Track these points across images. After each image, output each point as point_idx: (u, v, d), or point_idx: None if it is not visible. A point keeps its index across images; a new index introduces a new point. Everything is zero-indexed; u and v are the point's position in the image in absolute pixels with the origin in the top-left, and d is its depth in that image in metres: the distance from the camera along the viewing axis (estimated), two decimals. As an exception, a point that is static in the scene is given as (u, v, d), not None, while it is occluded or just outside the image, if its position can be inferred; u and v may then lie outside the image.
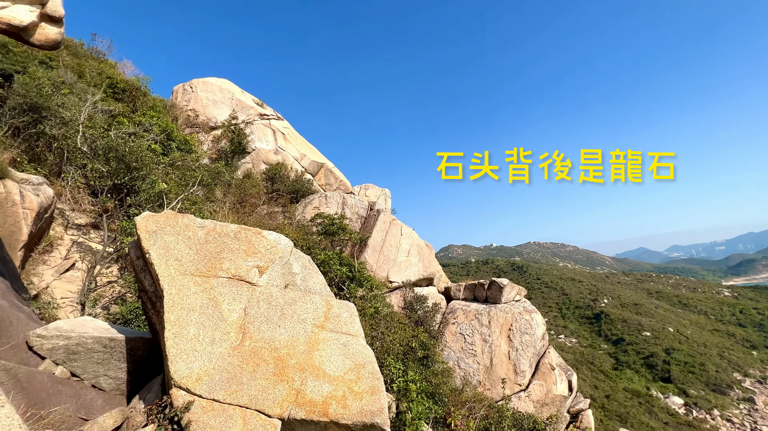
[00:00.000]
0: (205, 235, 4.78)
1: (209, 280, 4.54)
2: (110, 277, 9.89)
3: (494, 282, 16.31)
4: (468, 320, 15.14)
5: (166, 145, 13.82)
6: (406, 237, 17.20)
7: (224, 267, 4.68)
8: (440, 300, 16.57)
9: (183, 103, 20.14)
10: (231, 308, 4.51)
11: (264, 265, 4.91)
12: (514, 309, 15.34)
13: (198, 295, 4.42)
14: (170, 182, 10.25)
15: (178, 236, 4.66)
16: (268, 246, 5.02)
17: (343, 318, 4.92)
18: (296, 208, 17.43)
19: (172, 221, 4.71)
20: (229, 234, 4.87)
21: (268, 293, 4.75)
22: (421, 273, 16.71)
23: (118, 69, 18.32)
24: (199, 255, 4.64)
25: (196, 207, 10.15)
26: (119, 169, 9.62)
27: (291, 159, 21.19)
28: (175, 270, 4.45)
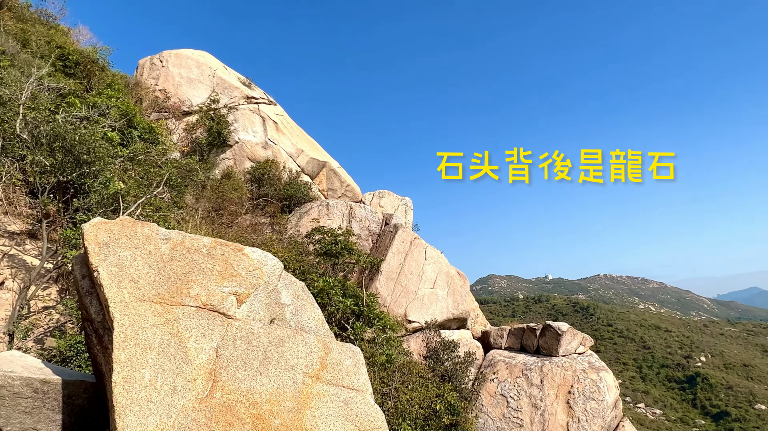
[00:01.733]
0: (171, 251, 4.86)
1: (173, 309, 4.59)
2: (47, 301, 10.12)
3: (549, 327, 16.03)
4: (512, 377, 14.87)
5: (126, 134, 14.25)
6: (432, 263, 17.15)
7: (193, 293, 4.73)
8: (475, 349, 16.34)
9: (150, 81, 20.81)
10: (199, 347, 4.54)
11: (244, 292, 4.94)
12: (576, 364, 15.01)
13: (158, 328, 4.47)
14: (129, 181, 10.54)
15: (136, 250, 4.75)
16: (250, 268, 5.06)
17: (345, 366, 4.89)
18: (289, 219, 17.63)
19: (130, 231, 4.82)
20: (200, 250, 4.95)
21: (247, 329, 4.77)
22: (451, 312, 16.57)
23: (71, 37, 19.13)
24: (161, 277, 4.71)
25: (160, 214, 10.37)
26: (66, 162, 9.95)
27: (284, 155, 21.54)
28: (130, 294, 4.52)
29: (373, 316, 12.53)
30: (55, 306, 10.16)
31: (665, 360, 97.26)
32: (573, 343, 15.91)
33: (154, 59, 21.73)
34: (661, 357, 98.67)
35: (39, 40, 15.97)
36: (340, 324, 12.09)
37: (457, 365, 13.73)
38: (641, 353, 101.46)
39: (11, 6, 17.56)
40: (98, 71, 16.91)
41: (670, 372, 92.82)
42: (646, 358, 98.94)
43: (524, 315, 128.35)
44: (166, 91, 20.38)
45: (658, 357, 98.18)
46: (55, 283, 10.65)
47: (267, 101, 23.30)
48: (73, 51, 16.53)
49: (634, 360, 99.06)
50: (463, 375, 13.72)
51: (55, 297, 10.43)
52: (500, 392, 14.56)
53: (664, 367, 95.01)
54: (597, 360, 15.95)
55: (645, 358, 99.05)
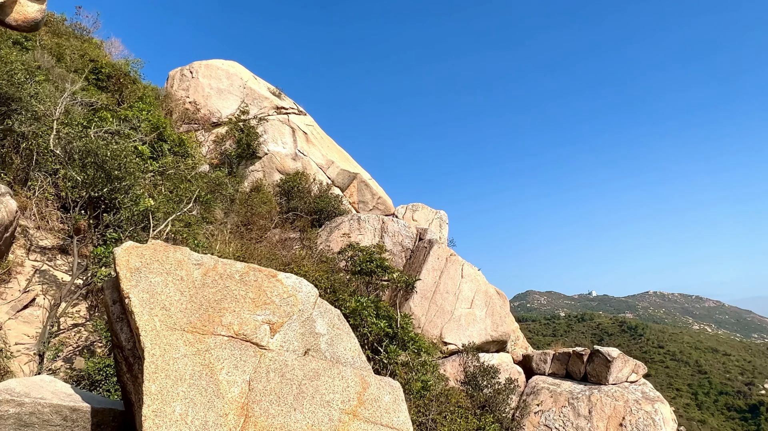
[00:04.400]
0: (203, 276, 4.87)
1: (204, 339, 4.58)
2: (77, 318, 10.40)
3: (598, 352, 15.47)
4: (558, 406, 14.37)
5: (157, 147, 14.64)
6: (469, 281, 16.86)
7: (225, 322, 4.71)
8: (517, 375, 15.91)
9: (180, 93, 21.43)
10: (231, 380, 4.50)
11: (277, 321, 4.90)
12: (629, 394, 14.40)
13: (189, 359, 4.46)
14: (159, 197, 10.77)
15: (168, 276, 4.77)
16: (284, 295, 5.02)
17: (384, 403, 4.76)
18: (319, 234, 17.70)
19: (161, 256, 4.85)
20: (233, 276, 4.94)
21: (281, 361, 4.71)
22: (489, 334, 16.21)
23: (103, 50, 19.93)
24: (193, 304, 4.72)
25: (189, 230, 10.54)
26: (97, 177, 10.26)
27: (314, 167, 21.73)
28: (162, 323, 4.54)
29: (408, 339, 12.35)
30: (84, 323, 10.42)
31: (724, 386, 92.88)
32: (624, 371, 15.28)
33: (184, 70, 22.39)
34: (719, 383, 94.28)
35: (73, 54, 16.70)
36: (372, 347, 11.96)
37: (497, 392, 13.38)
38: (696, 378, 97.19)
39: (48, 21, 18.45)
40: (130, 84, 17.52)
41: (729, 400, 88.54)
42: (702, 384, 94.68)
43: (566, 335, 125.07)
44: (196, 102, 20.93)
45: (716, 383, 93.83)
46: (84, 300, 10.95)
47: (297, 111, 23.62)
48: (105, 64, 17.20)
49: (688, 386, 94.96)
50: (504, 404, 13.34)
51: (85, 314, 10.70)
52: (544, 423, 14.08)
53: (722, 394, 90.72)
54: (651, 389, 15.26)
55: (701, 384, 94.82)
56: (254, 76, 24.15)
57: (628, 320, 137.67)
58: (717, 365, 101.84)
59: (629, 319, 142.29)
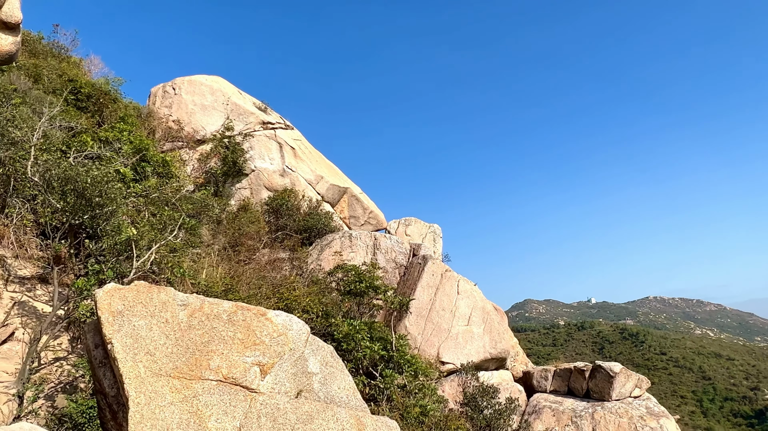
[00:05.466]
0: (189, 318, 4.80)
1: (192, 385, 4.51)
2: (58, 352, 10.21)
3: (600, 367, 15.46)
4: (560, 425, 14.33)
5: (140, 169, 14.54)
6: (466, 297, 16.84)
7: (213, 366, 4.64)
8: (518, 393, 15.84)
9: (163, 110, 21.34)
10: (221, 426, 4.43)
11: (268, 362, 4.84)
12: (633, 410, 14.39)
13: (176, 407, 4.38)
14: (142, 223, 10.67)
15: (152, 319, 4.71)
16: (274, 334, 4.96)
17: (382, 444, 4.70)
18: (309, 253, 17.61)
19: (145, 297, 4.78)
20: (220, 316, 4.87)
21: (273, 404, 4.65)
22: (488, 351, 16.16)
23: (82, 68, 19.83)
24: (179, 348, 4.65)
25: (175, 257, 10.44)
26: (78, 205, 10.14)
27: (303, 182, 21.68)
28: (146, 369, 4.46)
29: (404, 361, 12.27)
30: (66, 357, 10.24)
31: (729, 392, 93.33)
32: (627, 386, 15.28)
33: (166, 86, 22.33)
34: (724, 389, 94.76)
35: (51, 74, 16.58)
36: (367, 371, 11.87)
37: (497, 413, 13.30)
38: (701, 384, 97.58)
39: (24, 40, 18.35)
40: (110, 103, 17.41)
41: (735, 406, 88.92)
42: (707, 390, 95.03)
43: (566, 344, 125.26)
44: (179, 120, 20.84)
45: (721, 389, 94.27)
46: (66, 331, 10.76)
47: (284, 125, 23.61)
48: (85, 84, 17.09)
49: (692, 392, 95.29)
50: (506, 425, 13.26)
51: (67, 346, 10.51)
52: (547, 443, 14.03)
53: (728, 400, 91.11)
54: (656, 404, 15.27)
55: (705, 390, 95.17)
56: (239, 90, 24.15)
57: (629, 327, 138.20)
58: (721, 370, 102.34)
59: (630, 326, 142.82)
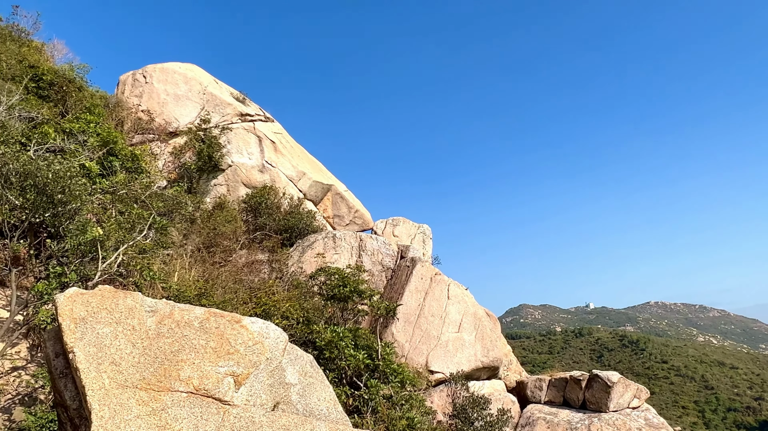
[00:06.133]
0: (157, 325, 4.78)
1: (160, 397, 4.48)
2: (16, 361, 10.09)
3: (597, 377, 15.64)
4: (555, 438, 14.49)
5: (106, 163, 14.39)
6: (456, 302, 16.93)
7: (183, 376, 4.63)
8: (510, 404, 15.96)
9: (132, 100, 21.14)
10: (191, 442, 4.41)
11: (243, 372, 4.83)
12: (631, 422, 14.59)
13: (143, 421, 4.36)
14: (108, 222, 10.56)
15: (118, 326, 4.68)
16: (249, 343, 4.96)
17: (363, 460, 4.72)
18: (290, 255, 17.57)
19: (110, 303, 4.75)
20: (192, 323, 4.86)
21: (247, 418, 4.64)
22: (480, 360, 16.26)
23: (45, 53, 19.55)
24: (146, 357, 4.62)
25: (144, 259, 10.36)
26: (38, 202, 10.01)
27: (283, 179, 21.61)
28: (111, 380, 4.43)
29: (390, 371, 12.30)
30: (25, 366, 10.12)
31: (732, 402, 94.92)
32: (625, 396, 15.48)
33: (136, 74, 22.11)
34: (727, 398, 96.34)
35: (10, 60, 16.33)
36: (351, 381, 11.88)
37: (489, 426, 13.40)
38: (703, 394, 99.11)
39: (-20, 22, 18.07)
40: (75, 92, 17.19)
41: (738, 417, 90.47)
42: (710, 400, 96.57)
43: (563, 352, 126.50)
44: (150, 111, 20.65)
45: (724, 399, 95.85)
46: (25, 339, 10.63)
47: (263, 118, 23.51)
48: (47, 70, 16.86)
49: (695, 403, 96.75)
50: (497, 438, 13.37)
51: (25, 355, 10.39)
52: (541, 457, 14.17)
53: (731, 411, 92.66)
54: (655, 415, 15.50)
55: (708, 400, 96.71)
56: (215, 80, 23.99)
57: (628, 334, 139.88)
58: (724, 379, 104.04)
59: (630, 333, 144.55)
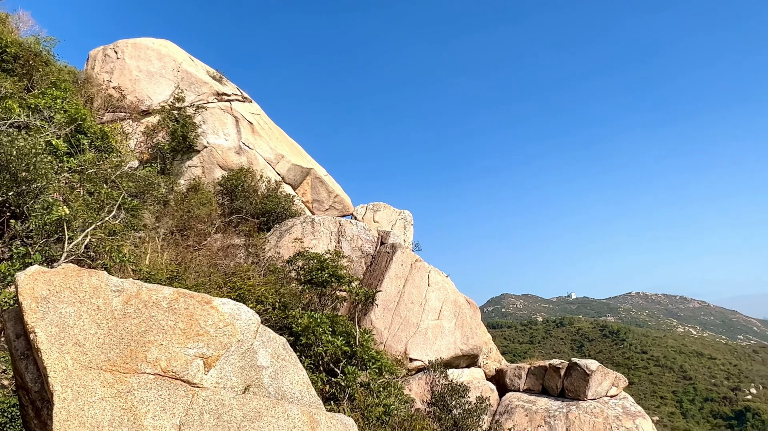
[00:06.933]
0: (124, 305, 4.71)
1: (126, 379, 4.44)
2: (-23, 346, 9.91)
3: (576, 365, 15.92)
4: (533, 426, 14.73)
5: (74, 141, 14.08)
6: (437, 289, 17.03)
7: (150, 358, 4.58)
8: (489, 392, 16.18)
9: (103, 76, 20.68)
10: (158, 424, 4.39)
11: (213, 354, 4.80)
12: (608, 410, 14.90)
13: (107, 403, 4.31)
14: (76, 202, 10.37)
15: (82, 306, 4.60)
16: (220, 324, 4.92)
17: (336, 443, 4.74)
18: (267, 239, 17.47)
19: (74, 282, 4.67)
20: (160, 303, 4.80)
21: (217, 400, 4.62)
22: (459, 347, 16.42)
23: (9, 24, 18.98)
24: (112, 338, 4.56)
25: (114, 241, 10.20)
26: (1, 180, 9.77)
27: (261, 161, 21.42)
28: (74, 361, 4.37)
29: (368, 357, 12.35)
30: (-14, 351, 9.94)
31: (709, 392, 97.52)
32: (604, 384, 15.79)
33: (107, 50, 21.61)
34: (705, 389, 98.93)
35: (-30, 31, 15.85)
36: (328, 368, 11.91)
37: (467, 413, 13.56)
38: (681, 384, 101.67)
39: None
40: (41, 66, 16.76)
41: (715, 407, 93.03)
42: (687, 391, 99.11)
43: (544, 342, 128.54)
44: (121, 87, 20.24)
45: (701, 390, 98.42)
46: (-13, 323, 10.44)
47: (241, 98, 23.22)
48: (11, 42, 16.38)
49: (673, 393, 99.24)
50: (475, 426, 13.54)
51: (-13, 340, 10.21)
52: (519, 444, 14.42)
53: (708, 401, 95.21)
54: (632, 403, 15.84)
55: (686, 391, 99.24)
56: (190, 57, 23.57)
57: (609, 324, 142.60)
58: (702, 370, 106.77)
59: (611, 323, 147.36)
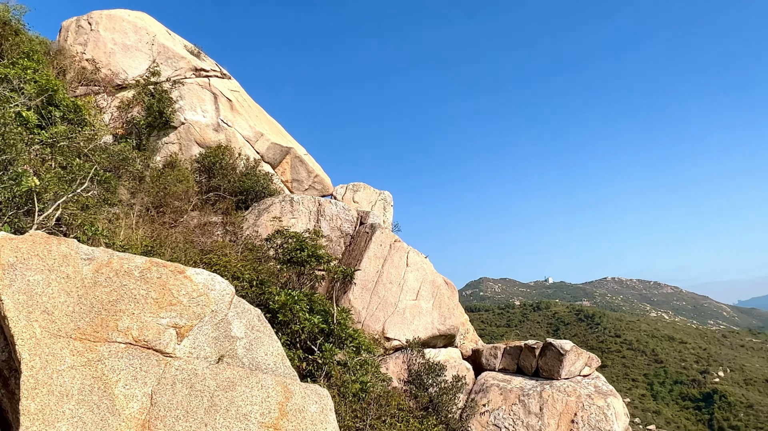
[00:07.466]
0: (94, 274, 4.63)
1: (96, 347, 4.38)
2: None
3: (550, 345, 16.20)
4: (508, 404, 14.98)
5: (46, 114, 13.74)
6: (415, 269, 17.12)
7: (122, 327, 4.53)
8: (465, 371, 16.41)
9: (76, 48, 20.12)
10: (129, 393, 4.36)
11: (186, 324, 4.76)
12: (581, 389, 15.22)
13: (77, 371, 4.26)
14: (47, 175, 10.13)
15: (51, 274, 4.51)
16: (193, 294, 4.87)
17: (310, 413, 4.76)
18: (245, 218, 17.34)
19: (42, 249, 4.57)
20: (132, 272, 4.73)
21: (190, 370, 4.60)
22: (437, 327, 16.58)
23: (-24, -9, 18.35)
24: (82, 306, 4.49)
25: (86, 215, 10.02)
26: (-31, 151, 9.50)
27: (240, 139, 21.17)
28: (43, 329, 4.30)
29: (345, 336, 12.40)
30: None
31: (679, 375, 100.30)
32: (577, 364, 16.12)
33: (81, 21, 21.01)
34: (675, 372, 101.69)
35: (-65, -4, 15.27)
36: (305, 345, 11.94)
37: (443, 392, 13.74)
38: (653, 368, 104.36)
39: None
40: (11, 35, 16.28)
41: (684, 389, 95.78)
42: (658, 373, 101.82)
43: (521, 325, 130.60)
44: (95, 60, 19.73)
45: (672, 373, 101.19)
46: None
47: (219, 74, 22.82)
48: (-22, 10, 15.87)
49: (644, 376, 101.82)
50: (451, 404, 13.74)
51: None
52: (493, 422, 14.66)
53: (677, 384, 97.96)
54: (604, 383, 16.20)
55: (657, 373, 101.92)
56: (168, 30, 23.04)
57: (585, 308, 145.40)
58: (673, 353, 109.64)
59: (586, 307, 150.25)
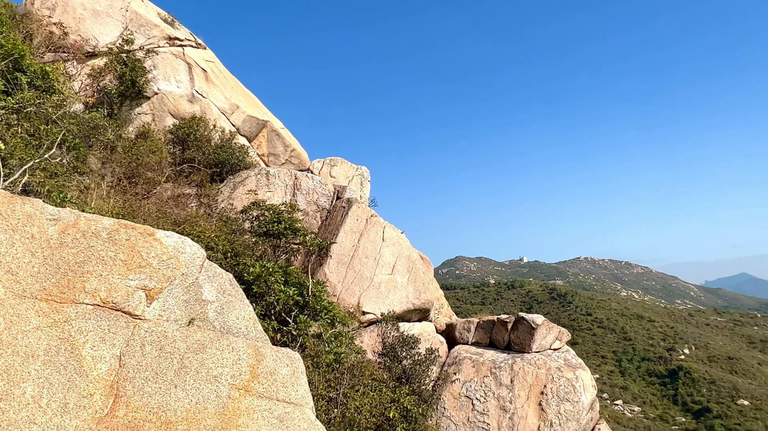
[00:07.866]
0: (60, 234, 4.54)
1: (63, 308, 4.32)
2: None
3: (522, 319, 16.49)
4: (479, 376, 15.27)
5: (12, 79, 13.30)
6: (391, 245, 17.19)
7: (89, 288, 4.46)
8: (439, 344, 16.64)
9: (43, 12, 19.42)
10: (97, 355, 4.33)
11: (156, 287, 4.72)
12: (551, 362, 15.57)
13: (43, 332, 4.21)
14: (13, 140, 9.85)
15: (14, 234, 4.41)
16: (163, 257, 4.82)
17: (281, 376, 4.79)
18: (220, 190, 17.16)
19: (6, 209, 4.46)
20: (99, 234, 4.65)
21: (160, 332, 4.57)
22: (411, 302, 16.74)
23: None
24: (48, 267, 4.41)
25: (54, 182, 9.79)
26: (-71, 113, 9.18)
27: (215, 111, 20.83)
28: (7, 289, 4.22)
29: (320, 308, 12.45)
30: None
31: (646, 352, 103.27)
32: (548, 338, 16.46)
33: (48, -16, 20.26)
34: (643, 349, 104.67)
35: None
36: (280, 317, 11.95)
37: (416, 364, 13.94)
38: (621, 345, 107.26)
39: None
40: (-26, -4, 15.65)
41: (651, 366, 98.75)
42: (627, 351, 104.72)
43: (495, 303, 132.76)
44: (63, 25, 19.08)
45: (639, 350, 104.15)
46: None
47: (194, 44, 22.31)
48: (-62, -32, 15.16)
49: (613, 353, 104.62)
50: (424, 375, 13.95)
51: None
52: (465, 393, 14.95)
53: (645, 361, 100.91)
54: (574, 356, 16.60)
55: (625, 351, 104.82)
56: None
57: (558, 287, 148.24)
58: (642, 331, 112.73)
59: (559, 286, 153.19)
